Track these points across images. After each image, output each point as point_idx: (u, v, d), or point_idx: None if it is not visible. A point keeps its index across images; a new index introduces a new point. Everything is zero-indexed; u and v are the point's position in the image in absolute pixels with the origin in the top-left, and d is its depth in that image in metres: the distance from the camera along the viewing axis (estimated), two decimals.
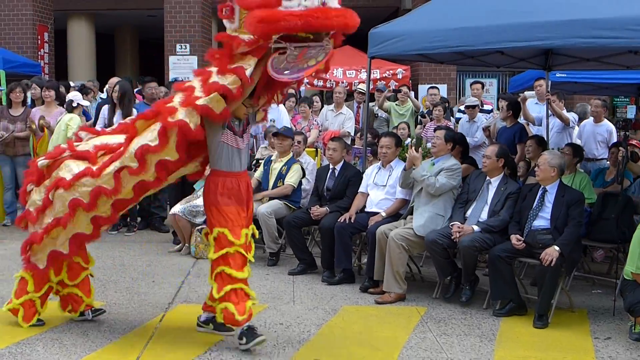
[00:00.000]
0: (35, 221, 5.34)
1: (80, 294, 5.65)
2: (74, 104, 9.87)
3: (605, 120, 9.96)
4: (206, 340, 5.36)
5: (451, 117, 11.57)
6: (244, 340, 5.09)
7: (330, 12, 4.75)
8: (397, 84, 14.68)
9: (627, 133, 8.39)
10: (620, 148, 7.81)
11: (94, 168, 5.13)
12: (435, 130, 7.62)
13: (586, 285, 7.40)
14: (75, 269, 5.62)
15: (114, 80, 10.52)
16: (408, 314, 6.25)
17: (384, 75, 15.16)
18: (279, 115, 10.40)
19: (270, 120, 10.40)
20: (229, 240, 5.08)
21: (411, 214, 6.93)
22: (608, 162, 8.71)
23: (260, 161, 9.05)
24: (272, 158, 8.56)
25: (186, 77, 15.47)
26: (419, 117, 11.77)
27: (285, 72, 4.76)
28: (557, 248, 5.94)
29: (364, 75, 13.84)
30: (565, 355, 5.33)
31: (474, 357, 5.20)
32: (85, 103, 10.56)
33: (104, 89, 12.88)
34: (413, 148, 7.10)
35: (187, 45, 16.70)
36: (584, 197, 6.57)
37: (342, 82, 14.77)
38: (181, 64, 16.70)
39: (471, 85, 11.93)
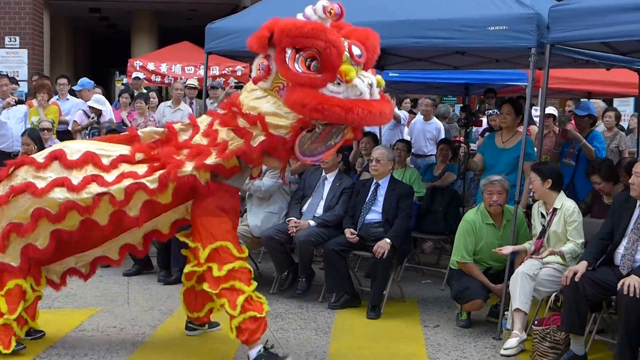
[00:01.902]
0: None
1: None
2: None
3: (435, 118, 10.42)
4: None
5: None
6: None
7: (373, 107, 4.49)
8: (236, 81, 14.61)
9: (467, 130, 8.85)
10: (462, 145, 8.22)
11: (75, 182, 4.71)
12: None
13: (416, 275, 7.72)
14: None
15: None
16: None
17: (223, 72, 15.03)
18: (105, 107, 10.12)
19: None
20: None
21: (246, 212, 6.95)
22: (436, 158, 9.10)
23: None
24: None
25: (15, 71, 14.73)
26: None
27: (309, 153, 4.70)
28: (388, 240, 6.15)
29: (203, 72, 13.65)
30: (397, 343, 5.52)
31: (310, 351, 5.28)
32: None
33: None
34: None
35: (17, 38, 15.91)
36: (413, 191, 6.85)
37: (181, 79, 14.50)
38: (10, 57, 15.88)
39: None
